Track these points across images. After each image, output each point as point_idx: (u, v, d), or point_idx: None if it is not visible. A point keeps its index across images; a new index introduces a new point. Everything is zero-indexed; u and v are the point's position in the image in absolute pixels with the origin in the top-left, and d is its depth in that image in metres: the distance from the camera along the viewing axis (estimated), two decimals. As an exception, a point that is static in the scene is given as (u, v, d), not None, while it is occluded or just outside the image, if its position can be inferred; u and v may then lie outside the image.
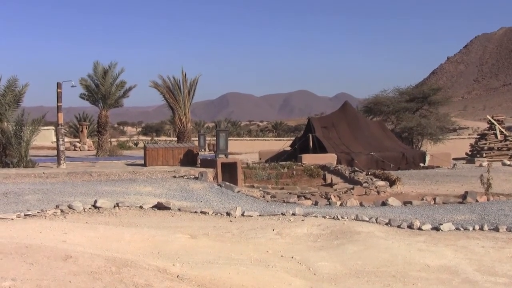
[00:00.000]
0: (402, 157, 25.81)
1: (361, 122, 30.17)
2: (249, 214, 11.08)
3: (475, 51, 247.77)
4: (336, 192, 15.85)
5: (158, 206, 11.59)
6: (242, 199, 14.07)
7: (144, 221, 10.27)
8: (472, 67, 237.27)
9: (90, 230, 8.61)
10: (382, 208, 12.61)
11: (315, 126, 28.68)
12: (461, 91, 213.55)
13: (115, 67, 32.22)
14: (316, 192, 15.73)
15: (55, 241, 7.48)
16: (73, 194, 13.78)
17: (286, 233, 9.33)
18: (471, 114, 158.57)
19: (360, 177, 18.82)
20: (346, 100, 33.13)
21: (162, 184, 15.87)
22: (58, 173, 17.61)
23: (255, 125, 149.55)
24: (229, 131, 25.30)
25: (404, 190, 16.65)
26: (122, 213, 11.06)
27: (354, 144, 27.29)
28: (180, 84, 29.23)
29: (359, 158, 24.87)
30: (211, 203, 13.20)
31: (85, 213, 10.79)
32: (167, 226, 9.75)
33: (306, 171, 21.13)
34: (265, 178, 20.19)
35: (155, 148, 20.92)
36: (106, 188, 14.96)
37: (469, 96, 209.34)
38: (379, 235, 9.09)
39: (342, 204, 13.35)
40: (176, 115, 29.09)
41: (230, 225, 10.02)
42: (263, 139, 56.96)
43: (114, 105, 32.88)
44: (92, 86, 31.96)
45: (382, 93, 43.89)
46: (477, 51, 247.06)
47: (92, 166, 20.86)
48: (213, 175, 18.17)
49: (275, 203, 13.63)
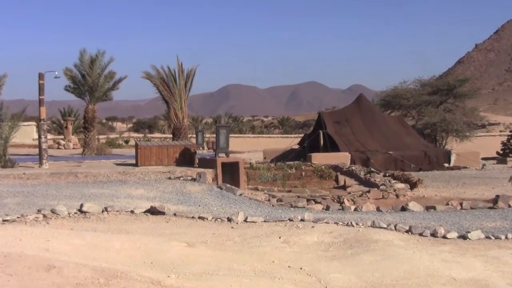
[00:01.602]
0: (424, 157, 25.79)
1: (377, 117, 30.14)
2: (252, 220, 11.07)
3: (507, 37, 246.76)
4: (350, 195, 15.83)
5: (151, 211, 11.60)
6: (245, 203, 14.06)
7: (135, 227, 10.27)
8: (503, 55, 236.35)
9: (75, 237, 8.62)
10: (402, 214, 12.58)
11: (326, 122, 28.68)
12: (491, 82, 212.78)
13: (103, 56, 32.16)
14: (327, 196, 15.72)
15: (37, 249, 7.49)
16: (57, 197, 13.79)
17: (294, 241, 9.32)
18: (503, 108, 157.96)
19: (377, 178, 18.79)
20: (360, 93, 33.14)
21: (155, 186, 15.87)
22: (40, 174, 17.63)
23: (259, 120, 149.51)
24: (230, 127, 25.30)
25: (427, 194, 16.62)
26: (111, 218, 11.07)
27: (370, 142, 27.26)
28: (176, 75, 29.19)
29: (375, 157, 24.86)
30: (210, 208, 13.19)
31: (70, 218, 10.80)
32: (161, 233, 9.75)
33: (316, 172, 21.11)
34: (271, 180, 20.19)
35: (148, 146, 20.93)
36: (94, 190, 14.97)
37: (500, 88, 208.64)
38: (399, 244, 9.07)
39: (356, 209, 13.33)
40: (171, 110, 29.06)
41: (232, 232, 10.02)
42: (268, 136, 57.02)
43: (102, 98, 32.86)
44: (78, 77, 31.94)
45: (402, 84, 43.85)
46: (509, 37, 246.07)
47: (77, 166, 20.89)
48: (213, 176, 18.16)
49: (282, 207, 13.61)
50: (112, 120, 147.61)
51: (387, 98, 42.72)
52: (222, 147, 19.80)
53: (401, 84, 44.03)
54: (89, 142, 32.01)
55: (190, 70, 29.60)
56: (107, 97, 33.25)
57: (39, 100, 21.13)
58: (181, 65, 29.14)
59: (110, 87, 32.72)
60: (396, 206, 13.53)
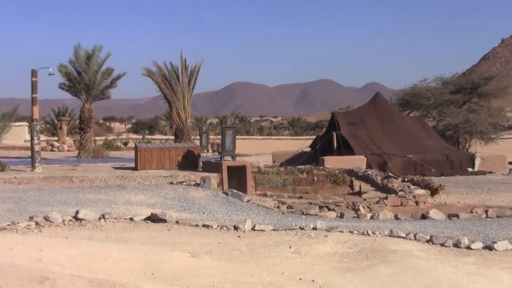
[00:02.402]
0: (446, 160, 25.72)
1: (395, 117, 30.09)
2: (261, 229, 11.06)
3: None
4: (366, 202, 15.78)
5: (152, 218, 11.60)
6: (253, 210, 14.05)
7: (135, 236, 10.28)
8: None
9: (70, 247, 8.62)
10: (422, 222, 12.53)
11: (340, 123, 28.64)
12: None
13: (101, 52, 32.22)
14: (341, 202, 15.68)
15: (29, 259, 7.50)
16: (50, 204, 13.81)
17: (305, 251, 9.30)
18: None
19: (395, 184, 18.74)
20: (377, 91, 33.09)
21: (156, 191, 15.88)
22: (32, 178, 17.69)
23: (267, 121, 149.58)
24: (236, 128, 25.32)
25: (449, 201, 16.56)
26: (108, 226, 11.08)
27: (387, 144, 27.22)
28: (179, 72, 29.24)
29: (393, 161, 24.80)
30: (215, 215, 13.19)
31: (64, 226, 10.82)
32: (162, 242, 9.75)
33: (329, 177, 21.08)
34: (280, 185, 20.17)
35: (148, 148, 20.97)
36: (90, 196, 14.99)
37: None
38: (419, 255, 9.04)
39: (373, 217, 13.29)
40: (174, 109, 29.11)
41: (238, 242, 10.01)
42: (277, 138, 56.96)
43: (99, 97, 32.94)
44: (73, 74, 32.00)
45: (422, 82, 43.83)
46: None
47: (73, 169, 20.94)
48: (218, 181, 18.17)
49: (292, 215, 13.59)
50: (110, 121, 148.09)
51: (406, 97, 42.66)
52: (228, 149, 19.80)
53: (421, 82, 44.02)
54: (85, 144, 32.06)
55: (194, 67, 29.63)
56: (105, 95, 33.32)
57: (31, 99, 21.18)
58: (185, 62, 29.17)
59: (108, 85, 32.78)
60: (415, 214, 13.48)
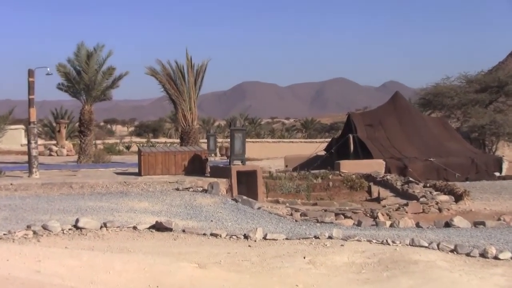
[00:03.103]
0: (471, 164, 25.63)
1: (416, 118, 30.02)
2: (272, 237, 11.05)
3: None
4: (385, 209, 15.77)
5: (157, 227, 11.62)
6: (264, 217, 14.05)
7: (139, 245, 10.29)
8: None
9: (70, 258, 8.65)
10: (446, 230, 12.50)
11: (356, 124, 28.61)
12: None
13: (102, 50, 32.33)
14: (359, 209, 15.67)
15: (27, 271, 7.52)
16: (49, 211, 13.86)
17: (320, 261, 9.29)
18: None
19: (416, 190, 18.71)
20: (396, 91, 33.01)
21: (161, 198, 15.91)
22: (29, 185, 17.74)
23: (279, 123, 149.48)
24: (246, 131, 25.31)
25: (475, 207, 16.50)
26: (111, 235, 11.10)
27: (407, 147, 27.16)
28: (184, 71, 29.33)
29: (414, 165, 24.75)
30: (224, 223, 13.20)
31: (64, 235, 10.84)
32: (168, 252, 9.76)
33: (345, 182, 21.05)
34: (293, 191, 20.16)
35: (153, 152, 21.00)
36: (91, 203, 15.03)
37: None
38: (442, 266, 9.01)
39: (393, 225, 13.27)
40: (179, 111, 29.19)
41: (249, 251, 10.01)
42: (290, 141, 56.98)
43: (100, 98, 33.04)
44: (72, 74, 32.10)
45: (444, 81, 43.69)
46: None
47: (72, 175, 20.99)
48: (227, 187, 18.18)
49: (306, 223, 13.58)
50: (111, 123, 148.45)
51: (428, 97, 42.55)
52: (237, 153, 19.79)
53: (444, 80, 43.87)
54: (85, 148, 32.16)
55: (200, 65, 29.72)
56: (106, 96, 33.41)
57: (28, 100, 21.26)
58: (191, 60, 29.26)
59: (109, 85, 32.87)
60: (438, 221, 13.44)
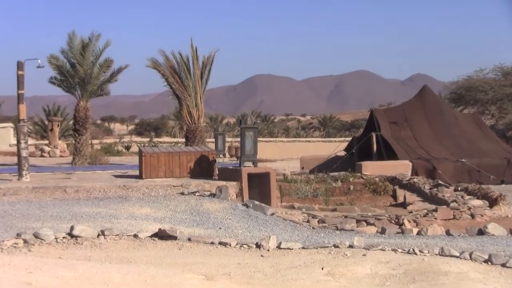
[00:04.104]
0: (507, 166, 25.52)
1: (446, 115, 29.92)
2: (287, 247, 11.06)
3: None
4: (412, 215, 15.73)
5: (160, 235, 11.65)
6: (278, 225, 14.05)
7: (140, 255, 10.32)
8: None
9: (64, 269, 8.68)
10: (479, 239, 12.47)
11: (380, 122, 28.55)
12: None
13: (98, 40, 32.28)
14: (383, 215, 15.65)
15: (17, 283, 7.55)
16: (41, 218, 13.90)
17: (340, 273, 9.29)
18: None
19: (446, 194, 18.66)
20: (424, 84, 32.90)
21: (165, 203, 15.93)
22: (19, 189, 17.79)
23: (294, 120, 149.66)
24: (258, 129, 25.31)
25: (511, 213, 16.45)
26: (109, 244, 11.13)
27: (436, 147, 27.08)
28: (190, 63, 29.35)
29: (443, 166, 24.67)
30: (234, 231, 13.21)
31: (57, 244, 10.88)
32: (172, 262, 9.79)
33: (368, 186, 21.02)
34: (310, 196, 20.14)
35: (155, 153, 21.02)
36: (87, 209, 15.07)
37: None
38: (475, 278, 8.99)
39: (420, 233, 13.25)
40: (184, 107, 29.21)
41: (262, 262, 10.02)
42: (306, 140, 56.95)
43: (97, 93, 33.06)
44: (66, 67, 32.10)
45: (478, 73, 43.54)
46: None
47: (66, 178, 21.05)
48: (237, 191, 18.18)
49: (325, 230, 13.59)
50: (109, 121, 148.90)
51: (459, 91, 42.46)
52: (248, 154, 19.80)
53: (477, 73, 43.72)
54: (81, 148, 32.17)
55: (207, 57, 29.71)
56: (103, 91, 33.44)
57: (17, 96, 21.29)
58: (196, 51, 29.26)
59: (107, 79, 32.86)
60: (471, 228, 13.41)
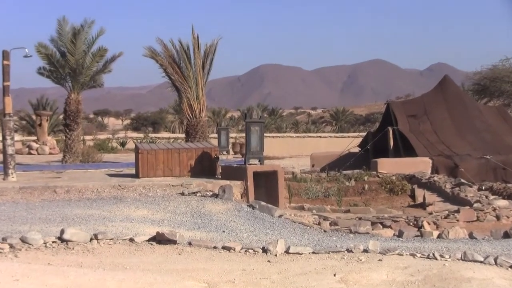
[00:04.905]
0: (536, 163, 25.47)
1: (469, 108, 29.88)
2: (297, 251, 11.05)
3: None
4: (432, 216, 15.72)
5: (158, 239, 11.65)
6: (286, 227, 14.04)
7: (136, 261, 10.32)
8: None
9: (54, 276, 8.68)
10: (505, 242, 12.44)
11: (397, 115, 28.51)
12: None
13: (91, 28, 32.17)
14: (400, 217, 15.64)
15: (3, 291, 7.57)
16: (29, 221, 13.91)
17: (354, 280, 9.28)
18: None
19: (469, 193, 18.62)
20: (445, 75, 32.85)
21: (163, 205, 15.93)
22: (5, 189, 17.81)
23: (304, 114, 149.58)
24: (265, 124, 25.29)
25: (539, 214, 16.42)
26: (103, 249, 11.13)
27: (458, 142, 27.04)
28: (190, 52, 29.28)
29: (466, 163, 24.62)
30: (238, 234, 13.20)
31: (46, 249, 10.89)
32: (171, 269, 9.79)
33: (384, 185, 21.02)
34: (321, 196, 20.16)
35: (153, 150, 21.01)
36: (79, 211, 15.07)
37: None
38: (501, 284, 8.97)
39: (441, 236, 13.23)
40: (184, 100, 29.17)
41: (268, 268, 10.01)
42: (317, 135, 56.89)
43: (89, 85, 33.01)
44: (55, 56, 32.01)
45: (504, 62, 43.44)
46: None
47: (56, 177, 21.07)
48: (241, 191, 18.18)
49: (337, 233, 13.58)
50: (103, 115, 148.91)
51: (483, 82, 42.36)
52: (254, 150, 19.78)
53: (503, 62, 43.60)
54: (72, 145, 32.12)
55: (209, 45, 29.61)
56: (96, 83, 33.38)
57: (3, 88, 21.32)
58: (197, 38, 29.16)
59: (100, 69, 32.77)
60: (496, 231, 13.39)
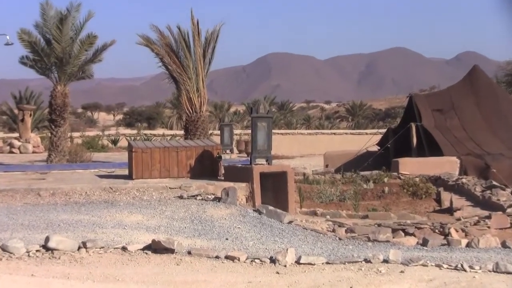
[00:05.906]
0: None
1: (502, 101, 29.85)
2: (309, 262, 11.05)
3: None
4: (460, 223, 15.70)
5: (154, 247, 11.65)
6: (297, 235, 14.04)
7: (129, 272, 10.32)
8: None
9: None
10: (542, 252, 12.43)
11: (421, 110, 28.50)
12: None
13: (78, 12, 32.08)
14: (424, 223, 15.62)
15: (-19, 306, 7.57)
16: (9, 227, 13.94)
17: (373, 294, 9.28)
18: None
19: (502, 197, 18.60)
20: (475, 64, 32.82)
21: (159, 209, 15.93)
22: (-16, 192, 17.84)
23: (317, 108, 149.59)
24: (273, 119, 25.28)
25: None
26: (92, 259, 11.14)
27: (490, 140, 27.01)
28: (190, 40, 29.28)
29: (499, 164, 24.57)
30: (243, 242, 13.20)
31: (29, 259, 10.90)
32: (169, 281, 9.79)
33: (406, 188, 20.99)
34: (336, 199, 20.14)
35: (148, 148, 21.02)
36: (65, 216, 15.08)
37: None
38: (538, 299, 8.96)
39: (470, 245, 13.20)
40: (183, 93, 29.17)
41: (277, 280, 10.01)
42: (331, 132, 56.99)
43: (77, 76, 32.98)
44: (40, 44, 31.99)
45: (540, 51, 43.35)
46: None
47: (41, 179, 21.09)
48: (247, 194, 18.17)
49: (354, 241, 13.58)
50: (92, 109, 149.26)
51: (517, 72, 42.35)
52: (260, 149, 19.76)
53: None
54: (58, 142, 32.09)
55: (211, 32, 29.60)
56: (85, 73, 33.38)
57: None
58: (198, 24, 29.14)
59: (90, 59, 32.72)
60: (532, 239, 13.36)
